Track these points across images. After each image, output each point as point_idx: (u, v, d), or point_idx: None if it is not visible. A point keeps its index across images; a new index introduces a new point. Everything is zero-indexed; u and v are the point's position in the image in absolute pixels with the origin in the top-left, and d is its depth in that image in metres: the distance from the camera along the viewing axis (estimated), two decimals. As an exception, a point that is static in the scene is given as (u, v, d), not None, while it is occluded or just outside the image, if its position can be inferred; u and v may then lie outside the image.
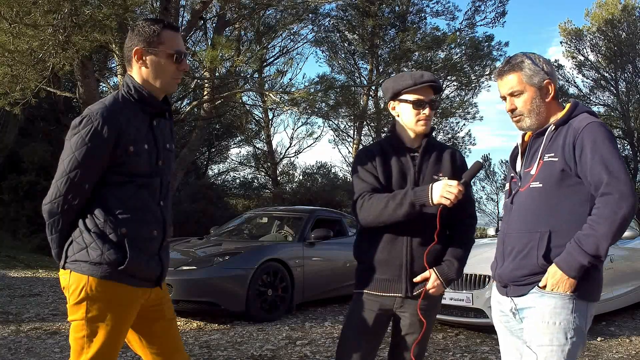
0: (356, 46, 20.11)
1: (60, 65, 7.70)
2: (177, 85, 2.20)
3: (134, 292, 2.01)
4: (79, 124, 1.96)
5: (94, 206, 1.98)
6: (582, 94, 21.92)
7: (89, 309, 1.94)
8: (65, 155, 1.96)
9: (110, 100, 2.02)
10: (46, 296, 7.37)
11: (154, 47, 2.04)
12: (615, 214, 1.87)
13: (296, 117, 21.59)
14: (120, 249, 1.96)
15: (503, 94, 2.13)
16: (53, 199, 1.98)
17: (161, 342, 2.16)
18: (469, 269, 5.24)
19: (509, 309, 2.11)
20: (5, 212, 14.20)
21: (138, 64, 2.05)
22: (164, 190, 2.12)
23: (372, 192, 2.34)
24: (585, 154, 1.94)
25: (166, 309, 2.18)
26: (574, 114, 2.06)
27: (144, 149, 2.02)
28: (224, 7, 11.72)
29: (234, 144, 23.01)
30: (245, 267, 6.16)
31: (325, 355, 4.81)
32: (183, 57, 2.08)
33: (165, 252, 2.15)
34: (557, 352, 1.95)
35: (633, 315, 6.69)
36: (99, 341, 1.94)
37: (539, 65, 2.08)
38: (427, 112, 2.35)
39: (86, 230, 1.97)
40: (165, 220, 2.12)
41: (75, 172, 1.94)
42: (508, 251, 2.10)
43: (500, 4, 19.90)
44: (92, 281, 1.94)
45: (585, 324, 2.00)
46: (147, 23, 2.07)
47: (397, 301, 2.36)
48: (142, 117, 2.06)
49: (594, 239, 1.88)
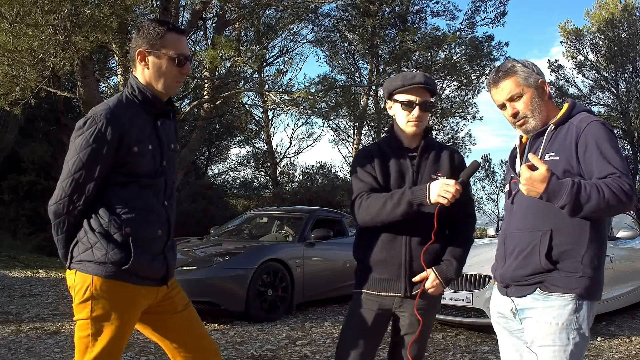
0: (356, 46, 20.12)
1: (60, 65, 7.70)
2: (179, 88, 2.21)
3: (138, 291, 2.02)
4: (83, 125, 1.98)
5: (98, 206, 2.00)
6: (582, 94, 21.92)
7: (94, 308, 1.96)
8: (70, 156, 1.98)
9: (114, 101, 2.04)
10: (46, 296, 7.37)
11: (156, 49, 2.04)
12: (618, 195, 1.85)
13: (296, 117, 21.65)
14: (124, 249, 1.97)
15: (501, 101, 2.11)
16: (58, 199, 1.99)
17: (181, 335, 2.17)
18: (469, 269, 5.24)
19: (508, 310, 2.10)
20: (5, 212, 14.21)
21: (141, 65, 2.07)
22: (168, 190, 2.13)
23: (370, 192, 2.35)
24: (590, 152, 1.94)
25: (177, 301, 2.18)
26: (572, 113, 2.06)
27: (148, 150, 2.04)
28: (224, 7, 11.72)
29: (234, 144, 23.03)
30: (245, 267, 6.17)
31: (325, 355, 4.81)
32: (185, 61, 2.08)
33: (171, 251, 2.16)
34: (560, 352, 1.94)
35: (633, 315, 6.69)
36: (104, 340, 1.96)
37: (529, 67, 2.09)
38: (416, 114, 2.35)
39: (91, 230, 1.99)
40: (170, 220, 2.13)
41: (80, 173, 1.96)
42: (510, 251, 2.09)
43: (501, 4, 19.95)
44: (97, 281, 1.95)
45: (587, 324, 1.99)
46: (152, 25, 2.08)
47: (397, 301, 2.36)
48: (146, 117, 2.07)
49: (595, 199, 1.85)
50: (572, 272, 1.97)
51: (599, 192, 1.85)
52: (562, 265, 1.98)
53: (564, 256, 1.98)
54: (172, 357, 2.21)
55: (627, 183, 1.87)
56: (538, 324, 1.99)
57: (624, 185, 1.86)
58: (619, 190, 1.85)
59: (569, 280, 1.97)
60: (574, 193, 1.86)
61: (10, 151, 14.81)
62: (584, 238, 1.97)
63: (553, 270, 1.98)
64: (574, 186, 1.87)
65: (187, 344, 2.17)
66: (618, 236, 6.42)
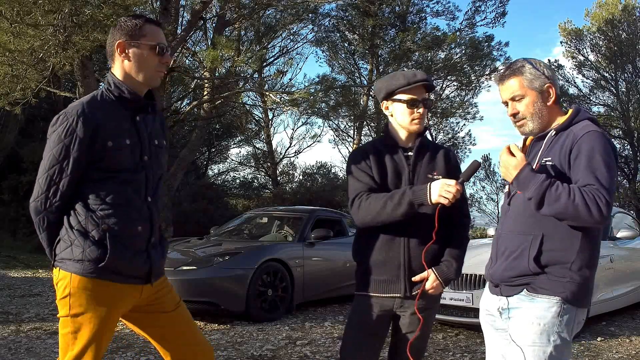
0: (356, 46, 20.10)
1: (60, 65, 7.70)
2: (161, 79, 2.20)
3: (119, 290, 2.01)
4: (55, 121, 1.99)
5: (76, 203, 2.00)
6: (582, 94, 21.91)
7: (72, 306, 1.96)
8: (45, 153, 2.00)
9: (88, 98, 2.05)
10: (46, 296, 7.37)
11: (136, 39, 2.05)
12: (590, 205, 1.84)
13: (296, 117, 21.64)
14: (101, 246, 1.97)
15: (505, 99, 2.13)
16: (36, 197, 2.00)
17: (171, 335, 2.16)
18: (469, 269, 5.24)
19: (496, 308, 2.12)
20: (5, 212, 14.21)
21: (121, 57, 2.06)
22: (151, 185, 2.10)
23: (368, 192, 2.34)
24: (580, 160, 1.94)
25: (167, 301, 2.17)
26: (575, 120, 2.06)
27: (126, 144, 2.02)
28: (224, 7, 11.72)
29: (234, 144, 23.04)
30: (245, 267, 6.16)
31: (325, 355, 4.81)
32: (165, 50, 2.09)
33: (156, 248, 2.12)
34: (539, 352, 1.96)
35: (633, 315, 6.69)
36: (84, 338, 1.96)
37: (540, 70, 2.08)
38: (421, 111, 2.36)
39: (70, 227, 1.99)
40: (153, 216, 2.10)
41: (54, 169, 1.97)
42: (501, 252, 2.11)
43: (501, 4, 19.94)
44: (75, 278, 1.96)
45: (571, 329, 2.00)
46: (128, 18, 2.09)
47: (397, 302, 2.36)
48: (124, 112, 2.06)
49: (563, 201, 1.87)
50: (560, 276, 1.97)
51: (570, 195, 1.86)
52: (551, 269, 1.98)
53: (553, 261, 1.98)
54: (164, 356, 2.21)
55: (605, 198, 1.86)
56: (521, 323, 2.01)
57: (600, 199, 1.85)
58: (593, 201, 1.85)
59: (556, 284, 1.97)
60: (543, 189, 1.88)
61: (10, 151, 14.81)
62: (575, 245, 1.97)
63: (541, 274, 1.99)
64: (545, 182, 1.89)
65: (179, 344, 2.16)
66: (618, 236, 6.42)
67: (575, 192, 1.86)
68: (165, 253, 2.22)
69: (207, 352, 2.21)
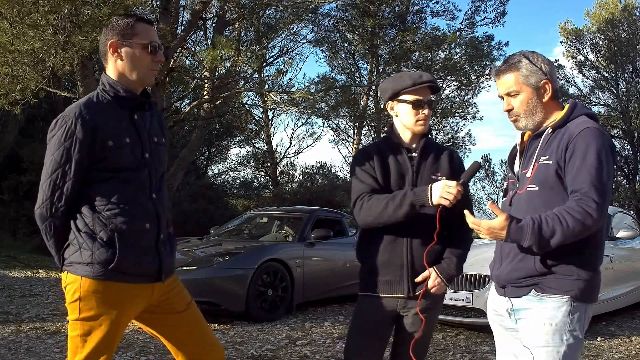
0: (356, 46, 20.10)
1: (60, 65, 7.70)
2: (155, 78, 2.20)
3: (130, 290, 2.00)
4: (54, 126, 1.99)
5: (82, 206, 1.99)
6: (582, 94, 21.89)
7: (82, 309, 1.95)
8: (46, 158, 1.99)
9: (84, 100, 2.05)
10: (46, 296, 7.37)
11: (128, 38, 2.04)
12: (582, 220, 1.86)
13: (296, 117, 21.63)
14: (110, 247, 1.96)
15: (501, 94, 2.13)
16: (41, 203, 1.99)
17: (183, 335, 2.16)
18: (469, 269, 5.24)
19: (504, 309, 2.11)
20: (5, 212, 14.21)
21: (113, 57, 2.06)
22: (154, 182, 2.10)
23: (371, 193, 2.35)
24: (574, 160, 1.93)
25: (178, 301, 2.16)
26: (572, 116, 2.04)
27: (126, 143, 2.02)
28: (224, 7, 11.72)
29: (234, 144, 23.03)
30: (245, 267, 6.16)
31: (325, 355, 4.81)
32: (158, 48, 2.08)
33: (165, 245, 2.11)
34: (553, 353, 1.95)
35: (633, 315, 6.69)
36: (94, 340, 1.95)
37: (537, 65, 2.06)
38: (426, 112, 2.37)
39: (77, 231, 1.98)
40: (159, 213, 2.09)
41: (56, 174, 1.96)
42: (506, 253, 2.10)
43: (500, 4, 19.93)
44: (85, 282, 1.95)
45: (582, 326, 2.00)
46: (120, 17, 2.09)
47: (401, 302, 2.36)
48: (121, 112, 2.06)
49: (560, 231, 1.87)
50: (567, 275, 1.97)
51: (562, 223, 1.87)
52: (557, 269, 1.98)
53: (560, 260, 1.97)
54: (175, 356, 2.21)
55: (594, 201, 1.87)
56: (532, 324, 2.00)
57: (588, 207, 1.86)
58: (582, 214, 1.86)
59: (564, 283, 1.97)
60: (537, 232, 1.88)
61: (10, 151, 14.81)
62: (580, 242, 1.95)
63: (548, 274, 1.98)
64: (535, 225, 1.89)
65: (190, 344, 2.16)
66: (618, 236, 6.42)
67: (565, 217, 1.87)
68: (174, 250, 2.20)
69: (218, 353, 2.22)
